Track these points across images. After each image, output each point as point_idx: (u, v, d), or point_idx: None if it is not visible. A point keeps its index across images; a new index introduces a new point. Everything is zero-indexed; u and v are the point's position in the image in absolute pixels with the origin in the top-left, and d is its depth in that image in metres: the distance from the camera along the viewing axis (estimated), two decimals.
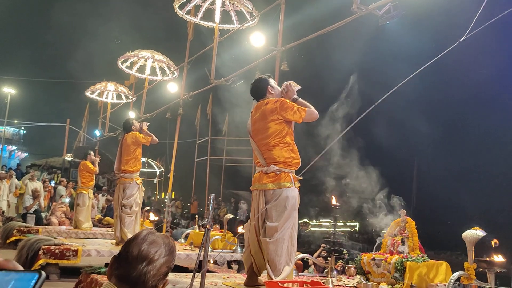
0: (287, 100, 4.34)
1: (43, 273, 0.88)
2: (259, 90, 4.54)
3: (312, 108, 4.34)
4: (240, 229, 7.67)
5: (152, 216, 9.74)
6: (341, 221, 18.10)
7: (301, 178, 4.43)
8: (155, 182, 27.55)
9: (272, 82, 4.58)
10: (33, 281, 0.86)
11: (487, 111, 25.72)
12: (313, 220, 21.39)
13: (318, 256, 8.95)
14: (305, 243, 16.11)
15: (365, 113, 4.93)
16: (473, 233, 4.37)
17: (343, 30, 7.74)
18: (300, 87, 4.51)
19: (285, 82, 4.56)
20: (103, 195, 15.95)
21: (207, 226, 3.37)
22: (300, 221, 17.30)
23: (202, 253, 3.44)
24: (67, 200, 12.99)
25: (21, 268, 0.92)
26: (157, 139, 7.94)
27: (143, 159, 22.27)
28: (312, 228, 20.25)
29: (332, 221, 5.99)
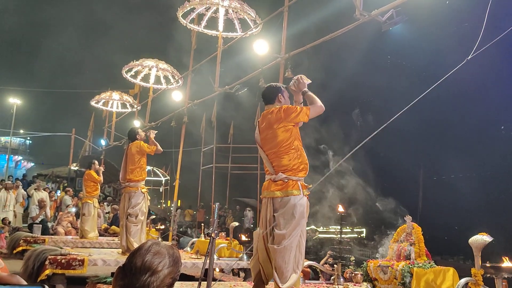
0: (290, 106, 4.37)
1: (46, 287, 0.88)
2: (270, 94, 4.54)
3: (318, 104, 4.36)
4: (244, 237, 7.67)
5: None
6: (347, 227, 18.05)
7: (310, 186, 4.42)
8: (161, 190, 27.61)
9: (286, 94, 4.57)
10: None
11: (495, 115, 25.63)
12: (321, 227, 21.33)
13: (325, 263, 8.92)
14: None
15: (384, 126, 4.92)
16: (480, 239, 4.35)
17: (347, 36, 7.75)
18: (311, 81, 4.53)
19: (296, 76, 4.58)
20: (108, 205, 15.97)
21: (212, 235, 3.37)
22: (307, 228, 17.24)
23: (208, 261, 3.44)
24: (74, 210, 13.01)
25: (25, 283, 0.92)
26: (161, 149, 7.93)
27: (149, 167, 22.33)
28: (320, 235, 20.20)
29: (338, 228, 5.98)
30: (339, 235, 5.97)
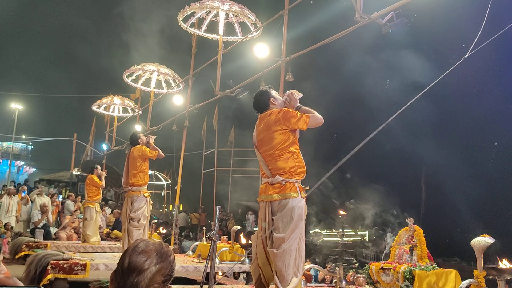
0: (290, 110, 4.34)
1: None
2: (261, 103, 4.53)
3: (316, 114, 4.32)
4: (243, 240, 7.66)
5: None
6: (351, 230, 18.02)
7: (308, 188, 4.41)
8: (162, 194, 27.61)
9: (274, 93, 4.57)
10: None
11: (499, 120, 25.56)
12: (324, 230, 21.31)
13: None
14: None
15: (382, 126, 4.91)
16: (482, 240, 4.33)
17: (347, 38, 7.75)
18: (302, 95, 4.50)
19: (287, 92, 4.56)
20: (109, 208, 15.96)
21: (214, 238, 3.37)
22: (311, 231, 17.23)
23: (209, 265, 3.44)
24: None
25: (21, 284, 0.92)
26: (163, 154, 7.94)
27: (151, 171, 22.33)
28: (324, 238, 20.17)
29: (340, 231, 5.98)
30: (341, 238, 5.97)
